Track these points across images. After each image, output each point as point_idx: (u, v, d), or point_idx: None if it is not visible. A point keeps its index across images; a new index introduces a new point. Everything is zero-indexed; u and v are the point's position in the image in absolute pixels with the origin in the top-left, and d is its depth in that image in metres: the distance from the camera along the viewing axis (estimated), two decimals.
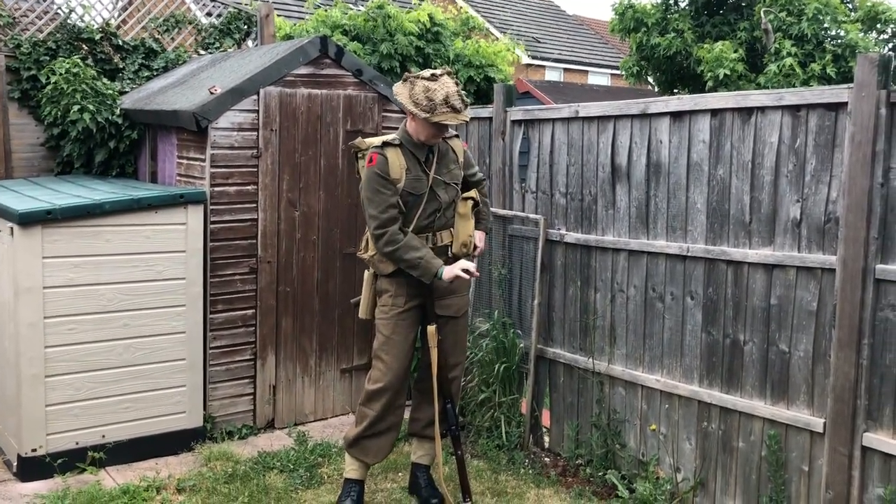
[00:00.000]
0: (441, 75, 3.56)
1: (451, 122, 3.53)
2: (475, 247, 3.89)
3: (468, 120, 3.66)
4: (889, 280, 3.23)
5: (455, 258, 3.77)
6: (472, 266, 3.66)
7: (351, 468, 3.90)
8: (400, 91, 3.59)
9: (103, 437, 4.30)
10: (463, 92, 3.59)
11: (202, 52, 6.85)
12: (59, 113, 5.45)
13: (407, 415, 4.07)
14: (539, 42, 23.17)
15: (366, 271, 3.89)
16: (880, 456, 3.29)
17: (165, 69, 6.33)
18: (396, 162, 3.62)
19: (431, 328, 3.74)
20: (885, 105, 3.20)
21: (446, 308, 3.78)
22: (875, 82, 3.21)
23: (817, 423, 3.46)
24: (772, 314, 3.62)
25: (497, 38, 13.25)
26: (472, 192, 3.86)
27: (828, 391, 3.43)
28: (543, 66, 22.60)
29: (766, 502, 3.62)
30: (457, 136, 3.92)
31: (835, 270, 3.38)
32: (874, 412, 3.31)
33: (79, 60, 5.55)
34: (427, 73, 3.58)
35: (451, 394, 3.90)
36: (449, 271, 3.62)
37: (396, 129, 3.91)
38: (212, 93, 4.61)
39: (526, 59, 21.07)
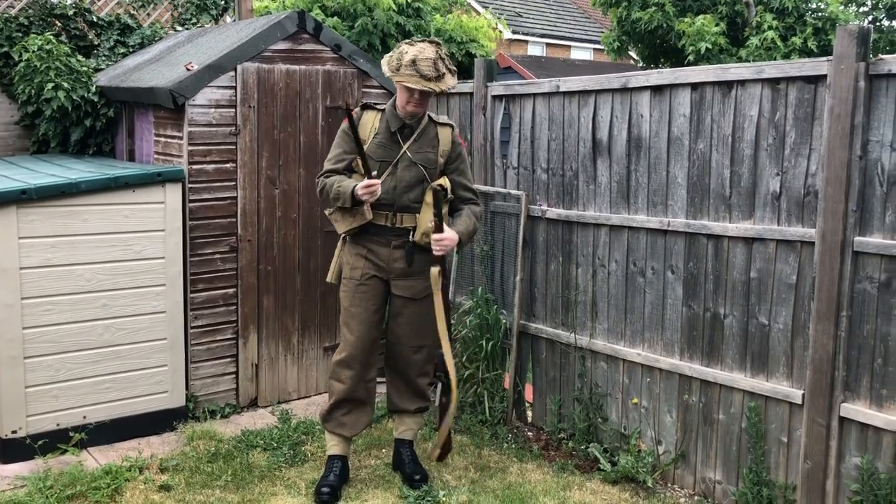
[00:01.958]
0: (421, 41, 3.63)
1: (415, 85, 3.53)
2: (439, 233, 3.62)
3: (438, 91, 3.60)
4: (867, 252, 3.25)
5: (417, 247, 3.71)
6: (365, 182, 3.52)
7: (331, 444, 3.92)
8: (384, 59, 3.69)
9: (84, 417, 4.28)
10: (443, 62, 3.58)
11: (179, 27, 6.76)
12: (33, 91, 5.36)
13: (384, 390, 4.08)
14: (521, 17, 23.03)
15: (340, 239, 3.90)
16: (857, 426, 3.33)
17: (141, 46, 6.23)
18: (369, 124, 3.73)
19: (434, 270, 3.69)
20: (864, 78, 3.20)
21: (403, 289, 3.76)
22: (854, 55, 3.21)
23: (796, 394, 3.50)
24: (752, 287, 3.64)
25: (479, 13, 13.12)
26: (444, 181, 3.76)
27: (807, 363, 3.46)
28: (526, 41, 22.49)
29: (746, 473, 3.66)
30: (450, 125, 3.85)
31: (814, 243, 3.40)
32: (852, 383, 3.34)
33: (52, 37, 5.45)
34: (412, 39, 3.71)
35: (416, 375, 3.91)
36: (358, 189, 3.53)
37: (377, 104, 3.91)
38: (188, 69, 4.55)
39: (508, 34, 20.95)
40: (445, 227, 3.65)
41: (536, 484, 3.99)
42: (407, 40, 3.70)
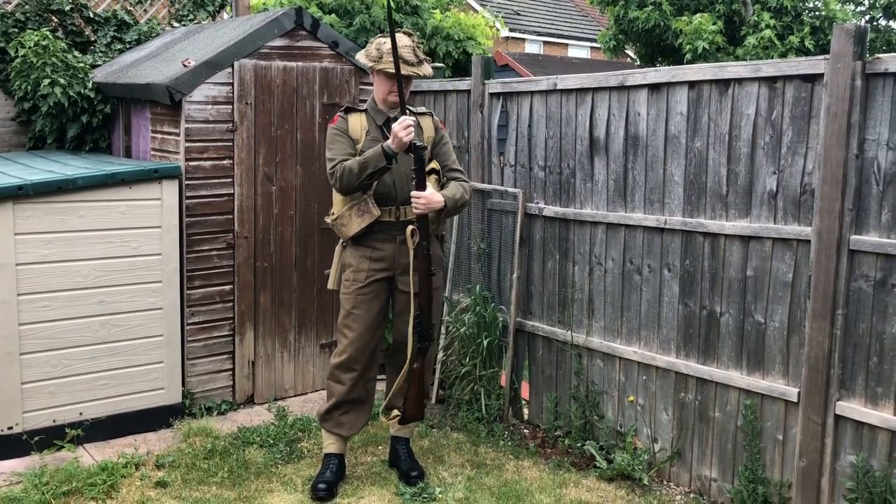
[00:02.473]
0: (396, 32, 3.65)
1: (400, 70, 3.55)
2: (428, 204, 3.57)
3: (422, 75, 3.69)
4: (863, 251, 3.26)
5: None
6: (400, 120, 3.50)
7: (328, 442, 3.92)
8: (360, 53, 3.78)
9: (81, 414, 4.27)
10: (419, 49, 3.69)
11: (176, 24, 6.74)
12: (30, 87, 5.34)
13: (382, 387, 4.08)
14: (519, 15, 23.04)
15: (338, 244, 3.89)
16: (853, 424, 3.34)
17: (138, 42, 6.22)
18: (357, 123, 3.75)
19: (409, 228, 3.65)
20: (861, 76, 3.21)
21: (408, 284, 3.75)
22: (851, 53, 3.21)
23: (792, 392, 3.51)
24: (748, 286, 3.65)
25: (476, 11, 13.12)
26: (435, 164, 3.79)
27: (802, 361, 3.47)
28: (523, 39, 22.51)
29: (742, 471, 3.67)
30: (430, 114, 3.90)
31: (810, 241, 3.41)
32: (847, 381, 3.35)
33: (48, 33, 5.43)
34: (385, 31, 3.78)
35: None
36: (392, 139, 3.50)
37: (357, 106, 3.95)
38: (185, 65, 4.54)
39: (505, 32, 20.96)
40: (429, 186, 3.63)
41: (532, 481, 4.00)
42: (381, 33, 3.78)
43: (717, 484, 3.84)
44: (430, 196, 3.60)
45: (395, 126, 3.50)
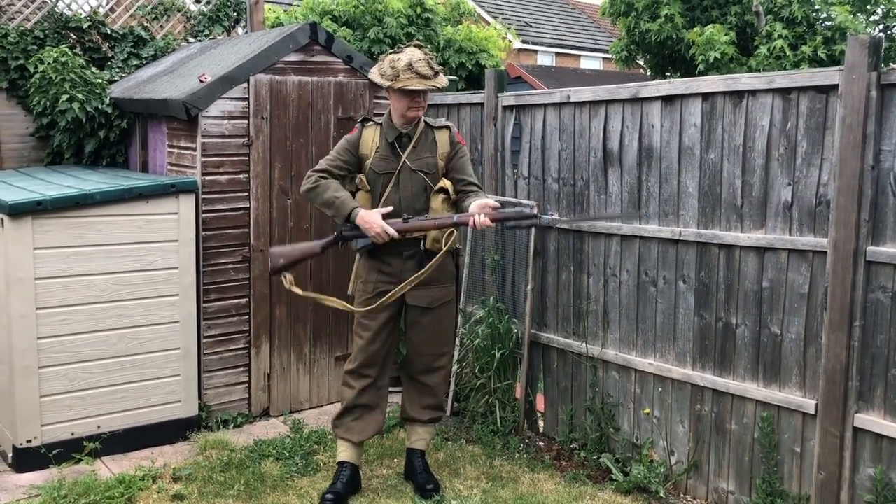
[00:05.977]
0: (407, 46, 3.70)
1: (418, 86, 3.57)
2: (474, 224, 3.50)
3: (439, 87, 3.68)
4: (880, 262, 3.24)
5: (428, 253, 3.72)
6: (390, 230, 3.54)
7: (341, 450, 3.94)
8: (373, 71, 3.75)
9: (98, 427, 4.30)
10: (433, 61, 3.67)
11: (191, 39, 6.81)
12: (48, 103, 5.41)
13: (398, 400, 4.09)
14: (531, 26, 23.11)
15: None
16: (871, 436, 3.31)
17: (155, 57, 6.29)
18: (370, 138, 3.78)
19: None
20: (876, 87, 3.20)
21: (419, 299, 3.77)
22: (866, 64, 3.21)
23: (809, 404, 3.49)
24: (764, 297, 3.64)
25: (488, 23, 13.18)
26: (445, 183, 3.76)
27: (819, 373, 3.45)
28: (535, 51, 22.57)
29: (759, 483, 3.65)
30: (447, 127, 3.86)
31: (826, 253, 3.40)
32: (865, 393, 3.33)
33: (67, 49, 5.51)
34: (397, 46, 3.79)
35: (435, 383, 3.95)
36: (366, 218, 3.56)
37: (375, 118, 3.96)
38: (201, 81, 4.59)
39: (518, 44, 21.02)
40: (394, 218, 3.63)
41: (548, 494, 3.98)
42: (391, 50, 3.79)
43: (734, 497, 3.81)
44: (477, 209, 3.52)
45: (381, 226, 3.53)
